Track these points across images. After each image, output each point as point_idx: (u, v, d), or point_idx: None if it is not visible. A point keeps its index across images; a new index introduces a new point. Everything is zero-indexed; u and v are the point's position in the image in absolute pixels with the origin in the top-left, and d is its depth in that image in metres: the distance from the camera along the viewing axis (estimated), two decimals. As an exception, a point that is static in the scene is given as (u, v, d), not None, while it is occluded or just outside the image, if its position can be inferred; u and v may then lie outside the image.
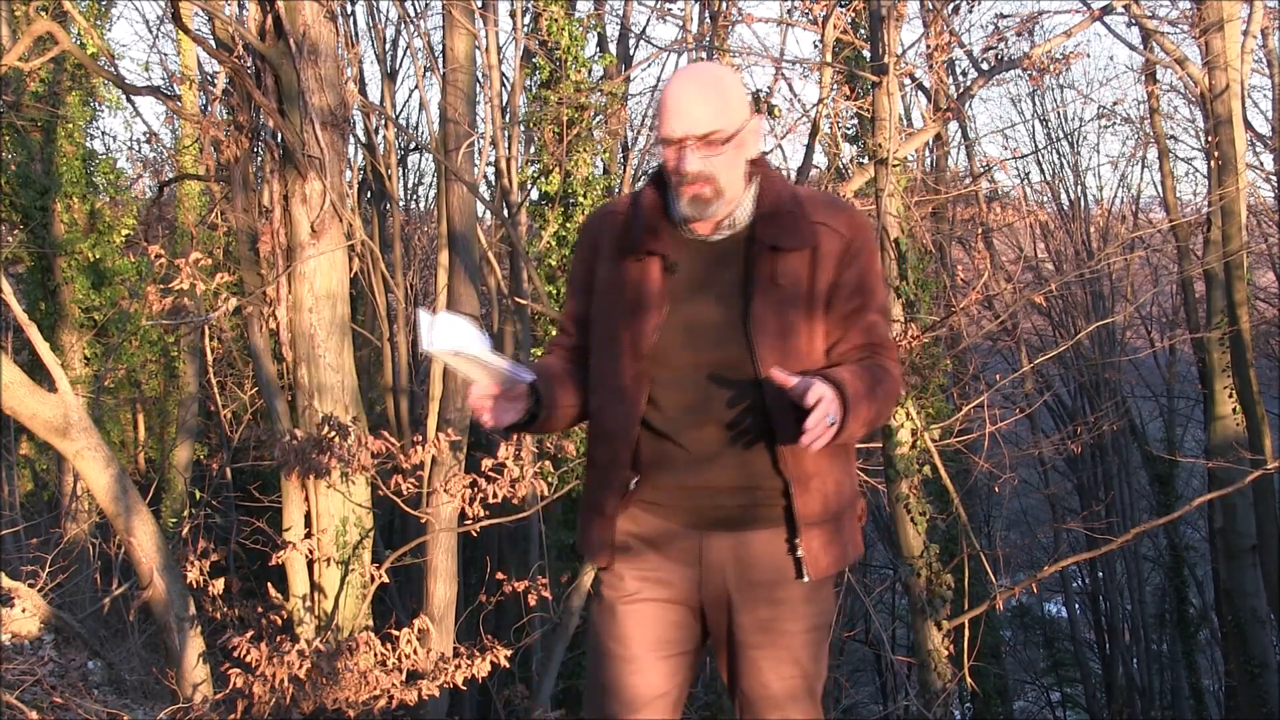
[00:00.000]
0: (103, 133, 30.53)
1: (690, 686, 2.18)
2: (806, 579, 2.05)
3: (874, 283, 2.08)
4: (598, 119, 11.21)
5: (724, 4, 10.01)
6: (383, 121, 11.68)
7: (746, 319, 1.99)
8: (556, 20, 10.40)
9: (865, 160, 9.40)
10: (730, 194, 2.02)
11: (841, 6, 9.10)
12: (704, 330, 2.02)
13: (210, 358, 8.29)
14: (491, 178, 10.74)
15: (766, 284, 2.00)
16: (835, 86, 8.94)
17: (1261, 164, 15.11)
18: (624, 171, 12.11)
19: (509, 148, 10.12)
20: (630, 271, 2.07)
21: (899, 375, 2.08)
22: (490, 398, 2.00)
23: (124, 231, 12.50)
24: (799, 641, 2.09)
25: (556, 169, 10.63)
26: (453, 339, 1.90)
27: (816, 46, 9.05)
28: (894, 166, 7.73)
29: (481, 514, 5.72)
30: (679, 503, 2.06)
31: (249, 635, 5.12)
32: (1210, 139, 10.99)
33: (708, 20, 10.46)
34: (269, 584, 6.09)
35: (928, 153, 14.34)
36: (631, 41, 13.36)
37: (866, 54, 8.74)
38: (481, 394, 1.99)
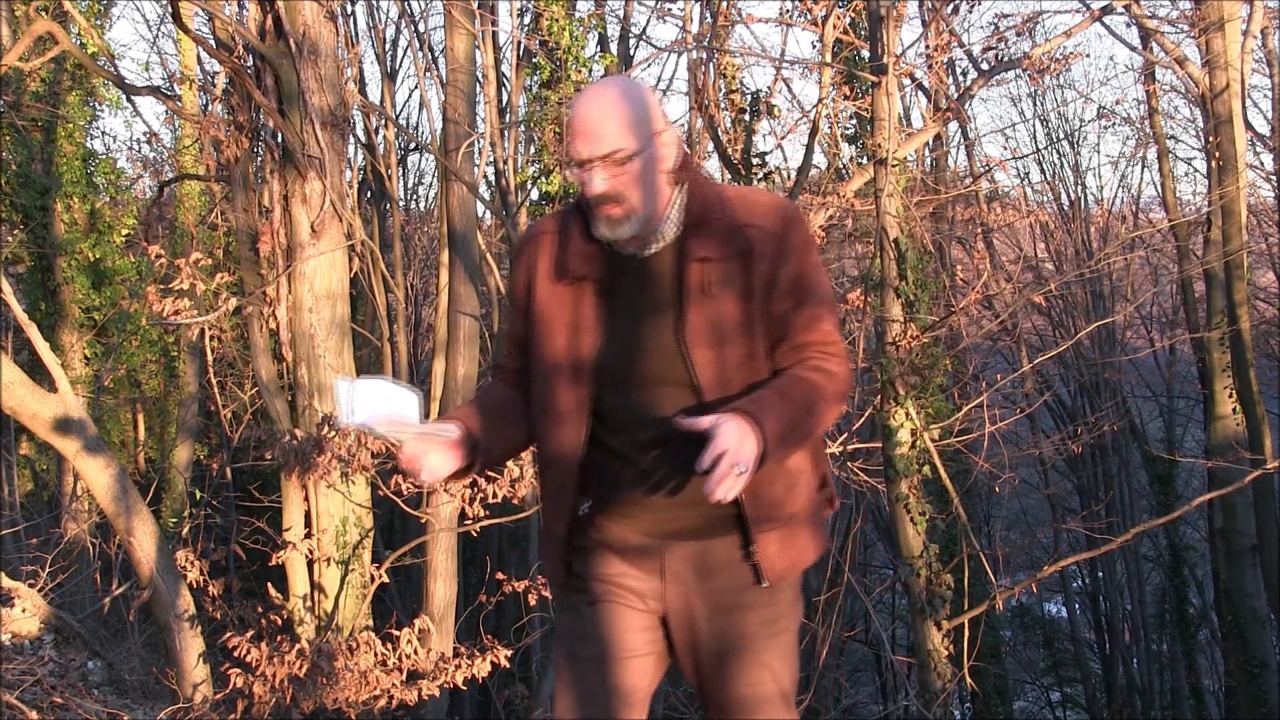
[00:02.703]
0: (103, 133, 30.59)
1: (657, 686, 2.17)
2: (765, 584, 2.03)
3: (812, 277, 2.03)
4: (598, 119, 11.19)
5: (724, 4, 10.01)
6: (383, 121, 11.69)
7: (680, 333, 1.97)
8: (557, 20, 10.40)
9: (865, 160, 9.41)
10: (646, 210, 1.98)
11: (841, 6, 9.10)
12: (643, 348, 2.00)
13: (210, 358, 8.29)
14: (491, 178, 10.75)
15: (698, 296, 1.97)
16: (835, 86, 8.95)
17: (1261, 164, 15.11)
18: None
19: (509, 148, 10.13)
20: (565, 294, 2.05)
21: (843, 371, 2.03)
22: (421, 456, 1.96)
23: (124, 231, 12.50)
24: (766, 646, 2.08)
25: (557, 169, 10.63)
26: (372, 408, 1.87)
27: (816, 46, 9.06)
28: (894, 167, 7.72)
29: (481, 514, 5.72)
30: (638, 515, 2.05)
31: (249, 635, 5.13)
32: (1210, 139, 11.00)
33: (708, 20, 10.46)
34: (269, 584, 6.09)
35: (927, 153, 14.34)
36: (631, 41, 13.35)
37: (866, 54, 8.75)
38: (411, 455, 1.96)
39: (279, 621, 5.78)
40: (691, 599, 2.06)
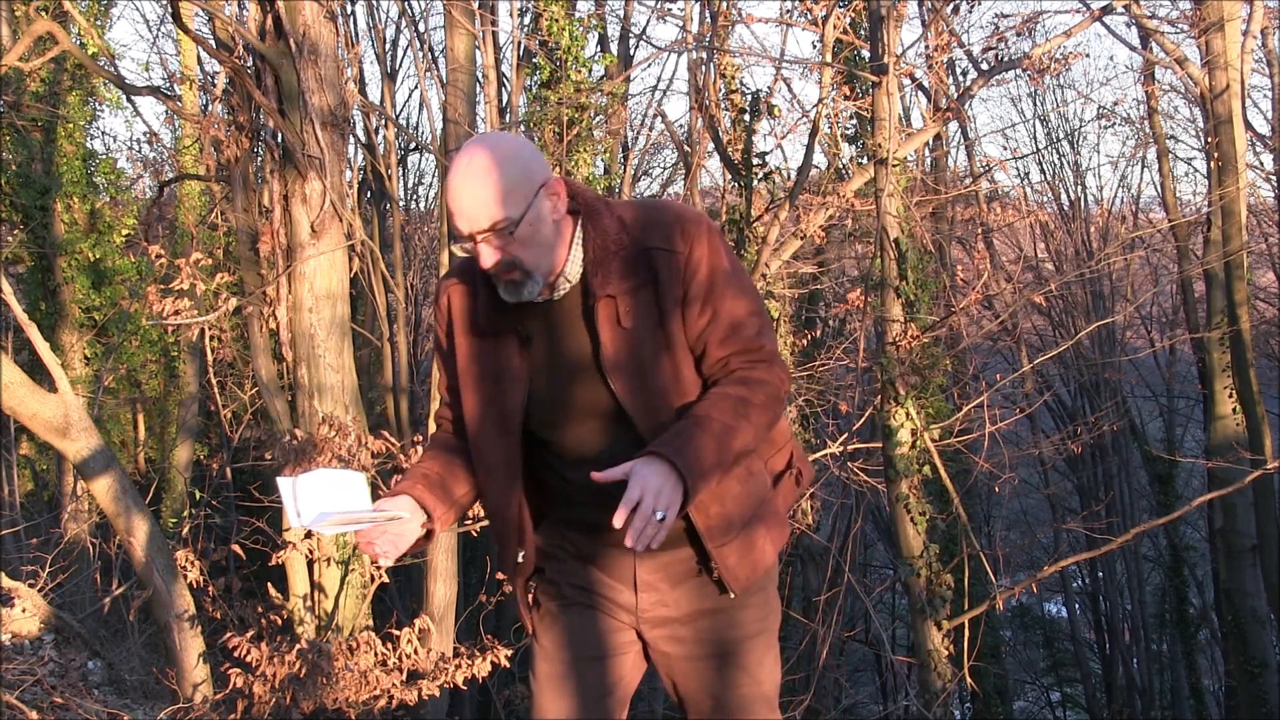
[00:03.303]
0: (103, 133, 30.55)
1: (635, 686, 2.17)
2: (732, 595, 2.04)
3: (725, 287, 1.98)
4: (598, 119, 11.21)
5: (724, 4, 10.01)
6: (383, 121, 11.69)
7: (601, 369, 1.96)
8: (557, 20, 10.39)
9: (865, 160, 9.40)
10: (544, 267, 1.95)
11: (841, 6, 9.10)
12: (570, 388, 2.00)
13: (210, 358, 8.29)
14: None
15: (612, 330, 1.95)
16: (835, 86, 8.95)
17: (1261, 164, 15.12)
18: (624, 171, 12.12)
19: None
20: (486, 347, 2.05)
21: (773, 376, 2.00)
22: (376, 540, 1.97)
23: (124, 231, 12.50)
24: (745, 648, 2.08)
25: (557, 169, 10.63)
26: (319, 504, 1.88)
27: (816, 46, 9.06)
28: (894, 167, 7.72)
29: (482, 514, 5.71)
30: (604, 533, 2.04)
31: (249, 635, 5.12)
32: (1210, 139, 11.00)
33: (708, 20, 10.46)
34: (269, 584, 6.08)
35: (927, 153, 14.34)
36: (631, 41, 13.36)
37: (866, 54, 8.74)
38: (366, 541, 1.97)
39: (279, 621, 5.78)
40: (666, 606, 2.07)
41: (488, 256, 1.92)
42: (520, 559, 2.09)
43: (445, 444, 2.15)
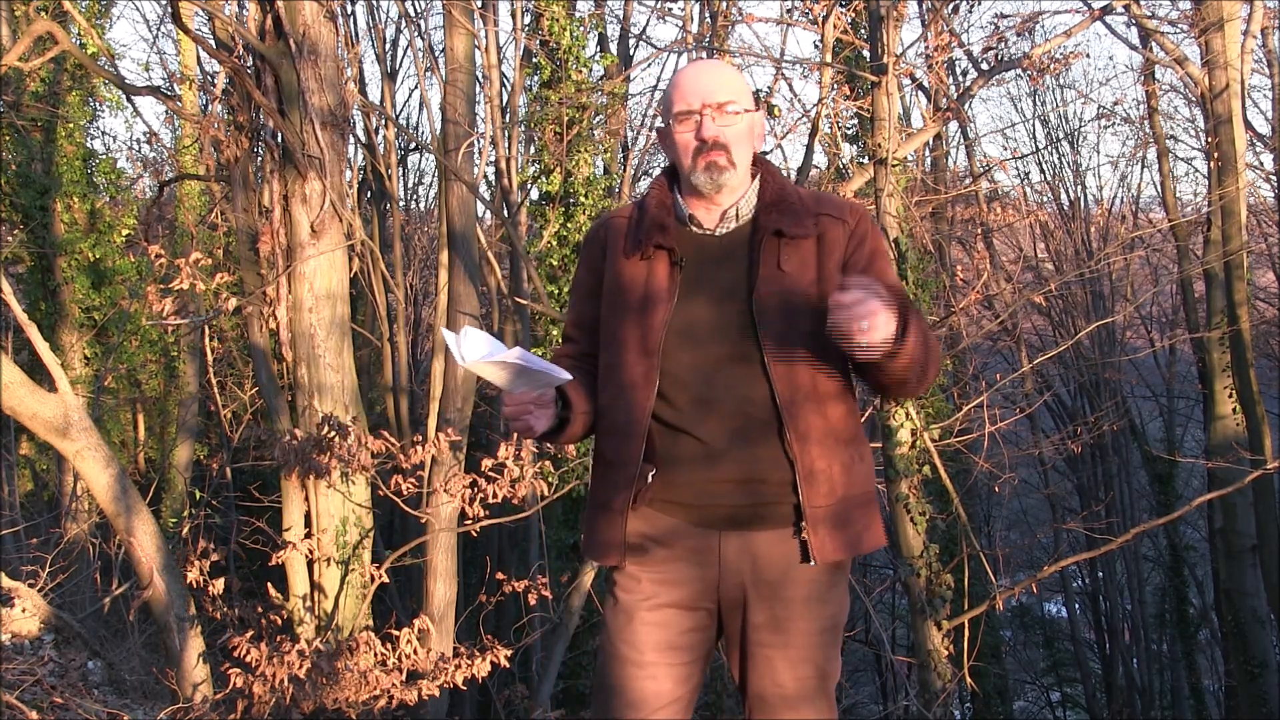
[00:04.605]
0: (103, 133, 30.53)
1: (700, 690, 2.19)
2: (813, 563, 2.05)
3: (884, 266, 2.11)
4: (598, 119, 11.21)
5: (724, 4, 10.01)
6: (383, 121, 11.69)
7: (751, 308, 2.02)
8: (557, 20, 10.40)
9: (865, 160, 9.41)
10: (741, 170, 2.08)
11: (841, 6, 9.10)
12: (712, 323, 2.05)
13: (210, 358, 8.29)
14: (491, 178, 10.75)
15: (772, 271, 2.04)
16: (835, 86, 8.94)
17: (1261, 164, 15.11)
18: (624, 171, 12.12)
19: (509, 148, 10.13)
20: (639, 269, 2.11)
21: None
22: (530, 404, 2.01)
23: (124, 231, 12.49)
24: (813, 641, 2.10)
25: (557, 169, 10.63)
26: (483, 348, 1.92)
27: (816, 46, 9.05)
28: (894, 166, 7.72)
29: (481, 514, 5.72)
30: (694, 500, 2.06)
31: (249, 635, 5.12)
32: (1210, 139, 10.99)
33: (708, 20, 10.46)
34: (269, 584, 6.09)
35: (927, 153, 14.35)
36: (631, 41, 13.36)
37: (866, 54, 8.74)
38: (520, 401, 2.00)
39: (279, 621, 5.78)
40: (744, 590, 2.08)
41: (710, 127, 2.04)
42: (650, 476, 2.07)
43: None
